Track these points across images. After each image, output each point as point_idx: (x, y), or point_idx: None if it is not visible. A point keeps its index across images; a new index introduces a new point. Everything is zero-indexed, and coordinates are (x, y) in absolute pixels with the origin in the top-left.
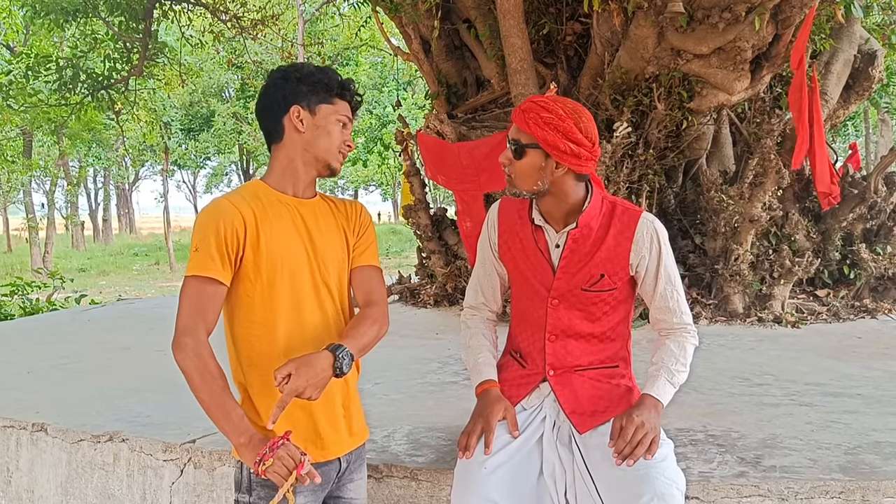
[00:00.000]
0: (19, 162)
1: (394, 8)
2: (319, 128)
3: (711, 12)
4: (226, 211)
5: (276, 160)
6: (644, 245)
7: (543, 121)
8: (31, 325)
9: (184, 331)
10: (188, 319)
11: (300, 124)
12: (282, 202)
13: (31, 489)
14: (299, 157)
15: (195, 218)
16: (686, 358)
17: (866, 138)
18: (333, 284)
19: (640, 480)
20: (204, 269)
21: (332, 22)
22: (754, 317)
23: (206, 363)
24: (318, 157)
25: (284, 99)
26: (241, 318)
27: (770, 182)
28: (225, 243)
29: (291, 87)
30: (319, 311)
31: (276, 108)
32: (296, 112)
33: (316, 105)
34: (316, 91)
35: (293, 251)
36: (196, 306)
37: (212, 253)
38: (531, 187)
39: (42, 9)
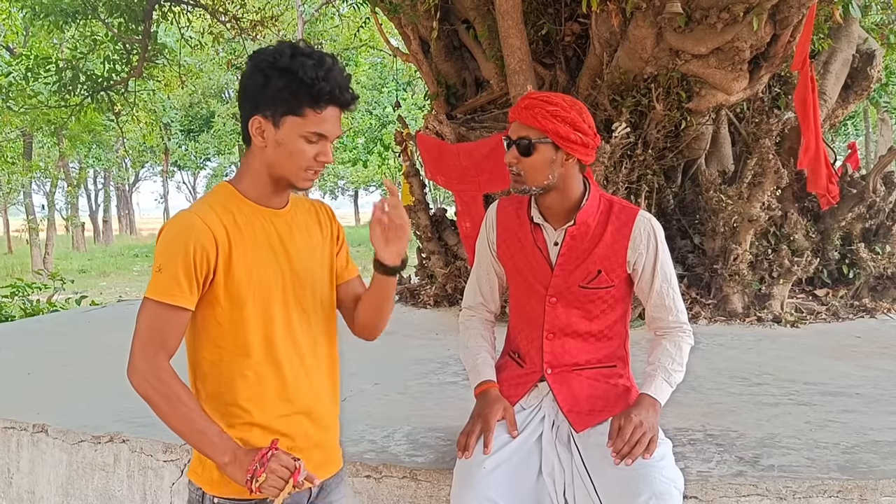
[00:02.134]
0: (19, 163)
1: (392, 9)
2: (281, 146)
3: (710, 13)
4: (196, 230)
5: (246, 165)
6: (641, 242)
7: (551, 114)
8: (31, 327)
9: (141, 356)
10: (145, 346)
11: (260, 138)
12: (255, 214)
13: (31, 490)
14: (263, 171)
15: (160, 231)
16: (682, 357)
17: (866, 137)
18: (311, 304)
19: (639, 480)
20: (169, 296)
21: (331, 22)
22: (753, 316)
23: (168, 386)
24: (280, 175)
25: (250, 102)
26: (207, 342)
27: (769, 182)
28: (194, 266)
29: (256, 90)
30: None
31: (243, 109)
32: (255, 123)
33: (281, 117)
34: (282, 99)
35: (268, 272)
36: (156, 332)
37: (178, 277)
38: (542, 182)
39: (42, 10)
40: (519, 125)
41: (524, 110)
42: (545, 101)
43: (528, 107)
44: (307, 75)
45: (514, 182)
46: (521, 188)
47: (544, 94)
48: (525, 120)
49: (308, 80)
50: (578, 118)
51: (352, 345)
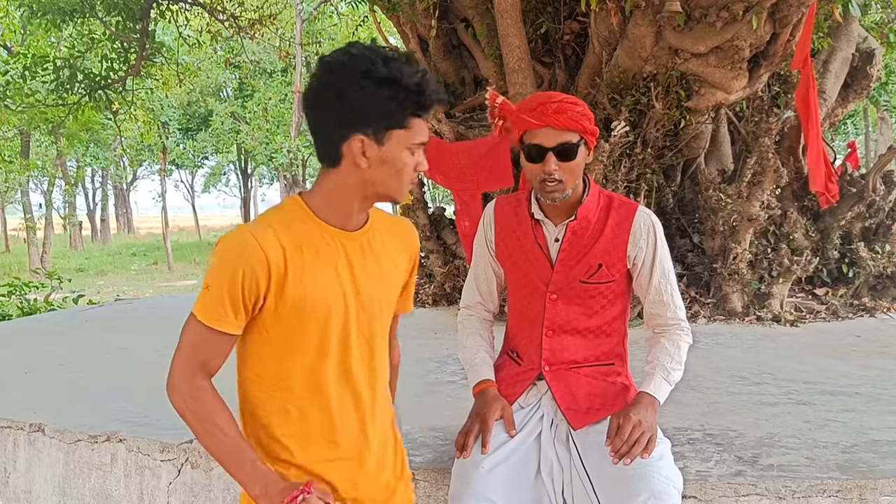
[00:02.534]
0: (17, 162)
1: (391, 7)
2: (386, 163)
3: (709, 11)
4: (247, 250)
5: (327, 185)
6: (641, 237)
7: (580, 114)
8: (28, 326)
9: (180, 374)
10: (185, 363)
11: (362, 158)
12: (323, 236)
13: (28, 489)
14: (357, 192)
15: (216, 245)
16: (681, 356)
17: (866, 136)
18: (374, 335)
19: (637, 479)
20: (212, 319)
21: (329, 21)
22: (753, 315)
23: (204, 407)
24: (382, 193)
25: (344, 122)
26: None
27: (768, 181)
28: (241, 291)
29: (355, 110)
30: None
31: (330, 129)
32: (358, 143)
33: (385, 132)
34: (388, 113)
35: (326, 299)
36: (198, 352)
37: (223, 301)
38: (575, 182)
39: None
40: (553, 131)
41: (556, 115)
42: (571, 103)
43: (559, 111)
44: (411, 81)
45: (553, 191)
46: (563, 195)
47: (558, 95)
48: (563, 124)
49: (414, 87)
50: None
51: None
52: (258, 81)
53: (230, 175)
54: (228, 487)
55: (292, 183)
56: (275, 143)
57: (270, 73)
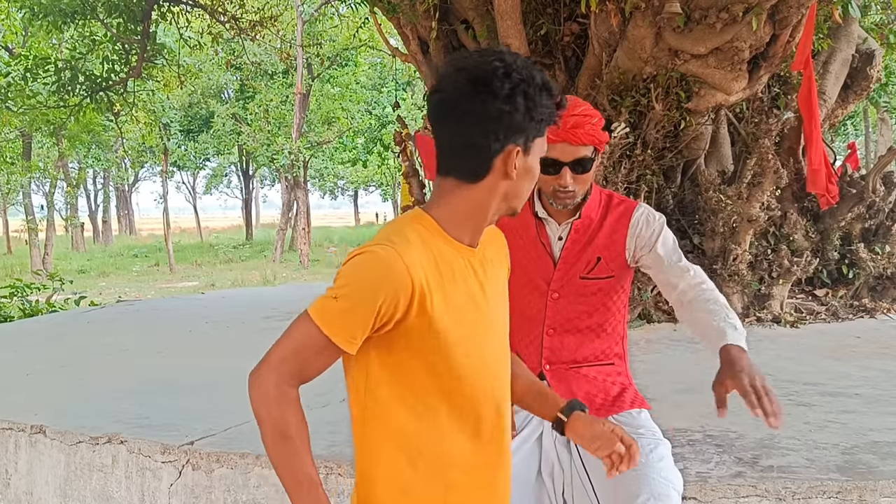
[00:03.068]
0: (18, 164)
1: (391, 9)
2: (529, 172)
3: (709, 13)
4: (395, 273)
5: (462, 201)
6: (640, 230)
7: (595, 126)
8: (30, 327)
9: (275, 372)
10: (283, 364)
11: (514, 170)
12: (454, 254)
13: (29, 491)
14: (495, 205)
15: (355, 254)
16: (728, 306)
17: (866, 137)
18: (506, 350)
19: (637, 480)
20: (332, 332)
21: (330, 22)
22: (753, 317)
23: (284, 419)
24: (514, 205)
25: (505, 133)
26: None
27: (768, 182)
28: (377, 314)
29: (519, 119)
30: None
31: (489, 142)
32: (515, 153)
33: (532, 142)
34: (540, 122)
35: (468, 318)
36: (302, 356)
37: (352, 319)
38: (586, 188)
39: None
40: (570, 147)
41: (574, 130)
42: (587, 115)
43: (576, 126)
44: (555, 87)
45: (566, 198)
46: (575, 202)
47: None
48: (580, 140)
49: (556, 95)
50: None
51: None
52: (259, 83)
53: (231, 176)
54: (229, 489)
55: (294, 184)
56: (276, 145)
57: (271, 74)
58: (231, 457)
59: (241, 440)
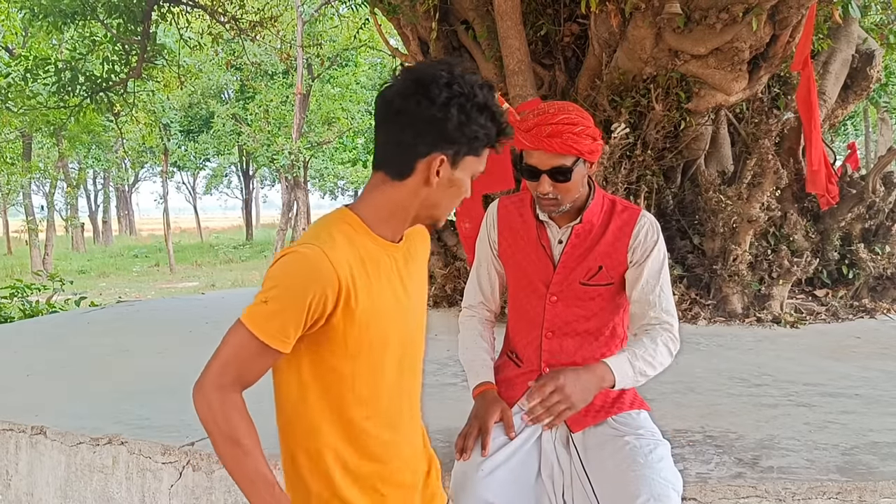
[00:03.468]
0: (19, 164)
1: (391, 9)
2: (453, 186)
3: (709, 13)
4: (321, 272)
5: (385, 198)
6: (641, 240)
7: (578, 135)
8: (30, 328)
9: (215, 382)
10: (224, 371)
11: (435, 178)
12: (379, 250)
13: (30, 492)
14: (415, 209)
15: (280, 257)
16: (657, 353)
17: (866, 137)
18: (420, 350)
19: (637, 481)
20: (266, 335)
21: (330, 23)
22: (753, 317)
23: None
24: (432, 214)
25: (433, 139)
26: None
27: (768, 182)
28: (307, 312)
29: (448, 129)
30: (413, 371)
31: (415, 143)
32: (438, 162)
33: (463, 157)
34: (475, 139)
35: (388, 314)
36: (239, 362)
37: (284, 320)
38: (574, 197)
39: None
40: (546, 155)
41: (550, 139)
42: (568, 123)
43: (552, 135)
44: (498, 112)
45: (549, 206)
46: (560, 209)
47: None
48: (557, 149)
49: (500, 119)
50: (592, 126)
51: None
52: (259, 83)
53: (232, 177)
54: (230, 490)
55: (294, 185)
56: (276, 145)
57: (272, 74)
58: None
59: None
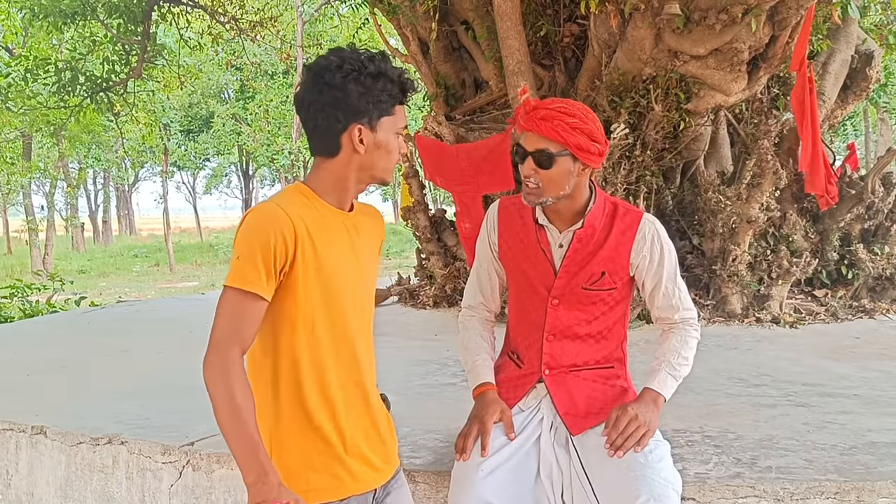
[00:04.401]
0: (19, 164)
1: (392, 10)
2: (380, 147)
3: (708, 14)
4: (277, 219)
5: (326, 173)
6: (645, 245)
7: (571, 126)
8: (30, 328)
9: (216, 347)
10: (222, 334)
11: (361, 145)
12: (333, 216)
13: (30, 492)
14: (353, 176)
15: (241, 220)
16: (688, 351)
17: (866, 138)
18: (368, 304)
19: (637, 481)
20: (246, 283)
21: (330, 23)
22: (752, 317)
23: (230, 384)
24: (375, 175)
25: (344, 115)
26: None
27: (768, 183)
28: (274, 255)
29: (353, 102)
30: (364, 329)
31: (332, 123)
32: (357, 132)
33: (378, 120)
34: (380, 102)
35: (346, 270)
36: (233, 321)
37: (256, 264)
38: (559, 193)
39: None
40: (535, 136)
41: (542, 122)
42: (564, 113)
43: (545, 118)
44: (394, 74)
45: (530, 194)
46: (539, 200)
47: (557, 102)
48: (544, 132)
49: (396, 79)
50: (595, 128)
51: None
52: (259, 83)
53: (231, 177)
54: (230, 490)
55: None
56: (276, 145)
57: (272, 74)
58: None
59: None
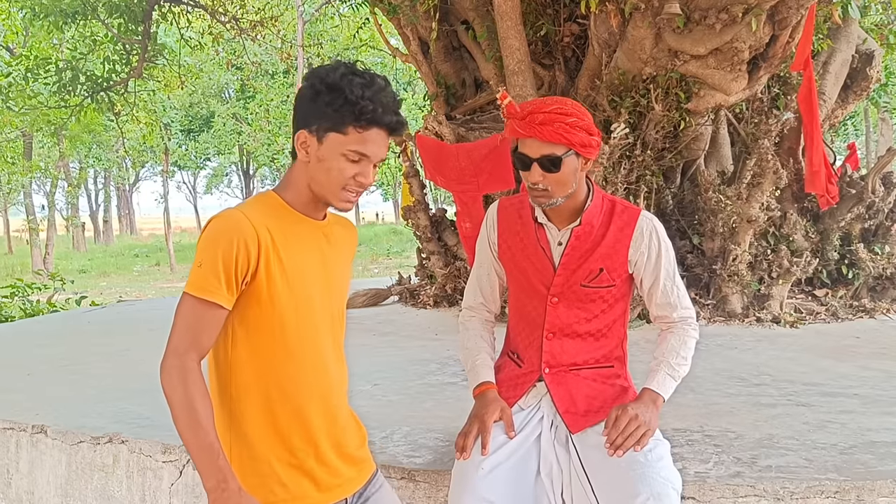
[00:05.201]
0: (20, 164)
1: (392, 9)
2: (322, 162)
3: (708, 13)
4: (240, 227)
5: (290, 177)
6: (643, 242)
7: (571, 126)
8: (31, 327)
9: (173, 352)
10: (179, 341)
11: (304, 153)
12: (301, 224)
13: (31, 491)
14: (305, 184)
15: (204, 227)
16: (687, 351)
17: (866, 137)
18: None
19: (636, 480)
20: (206, 292)
21: (331, 22)
22: (752, 317)
23: (188, 388)
24: (317, 191)
25: (298, 118)
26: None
27: (768, 182)
28: (235, 264)
29: (304, 107)
30: (333, 338)
31: (293, 122)
32: (301, 137)
33: (324, 133)
34: (326, 115)
35: (313, 278)
36: (191, 328)
37: (217, 273)
38: (566, 192)
39: (41, 11)
40: (537, 142)
41: (542, 126)
42: (562, 114)
43: (544, 122)
44: (353, 93)
45: (539, 197)
46: (550, 202)
47: (550, 104)
48: (546, 137)
49: (353, 98)
50: (589, 122)
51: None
52: (260, 83)
53: (232, 176)
54: None
55: None
56: (276, 145)
57: (272, 74)
58: None
59: None
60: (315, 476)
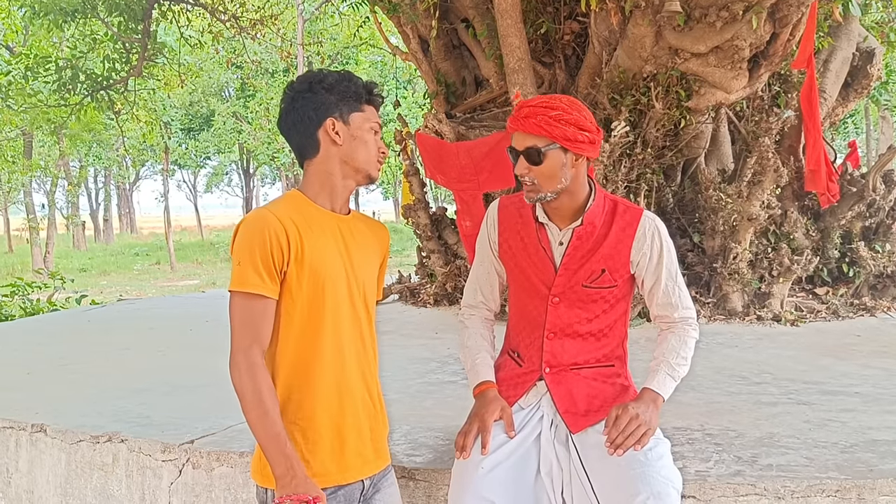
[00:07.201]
0: (20, 162)
1: (392, 8)
2: (356, 138)
3: (709, 11)
4: (270, 223)
5: (314, 174)
6: (645, 242)
7: (554, 119)
8: (31, 326)
9: (237, 349)
10: (241, 337)
11: (337, 137)
12: (323, 216)
13: (30, 490)
14: (338, 171)
15: (236, 229)
16: (687, 351)
17: (867, 135)
18: (368, 302)
19: (637, 479)
20: (248, 285)
21: (331, 21)
22: (753, 315)
23: (256, 382)
24: (358, 168)
25: (316, 112)
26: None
27: (768, 180)
28: (271, 256)
29: (321, 99)
30: (356, 328)
31: (307, 123)
32: (331, 124)
33: (348, 115)
34: (346, 100)
35: (335, 267)
36: (246, 323)
37: (257, 267)
38: (556, 187)
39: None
40: (522, 135)
41: (525, 119)
42: (546, 107)
43: (528, 115)
44: (356, 77)
45: (529, 191)
46: (538, 196)
47: (541, 99)
48: (528, 129)
49: (358, 81)
50: (581, 117)
51: None
52: (260, 81)
53: (232, 175)
54: (229, 487)
55: (294, 183)
56: (277, 143)
57: (272, 72)
58: (231, 455)
59: (241, 439)
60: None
